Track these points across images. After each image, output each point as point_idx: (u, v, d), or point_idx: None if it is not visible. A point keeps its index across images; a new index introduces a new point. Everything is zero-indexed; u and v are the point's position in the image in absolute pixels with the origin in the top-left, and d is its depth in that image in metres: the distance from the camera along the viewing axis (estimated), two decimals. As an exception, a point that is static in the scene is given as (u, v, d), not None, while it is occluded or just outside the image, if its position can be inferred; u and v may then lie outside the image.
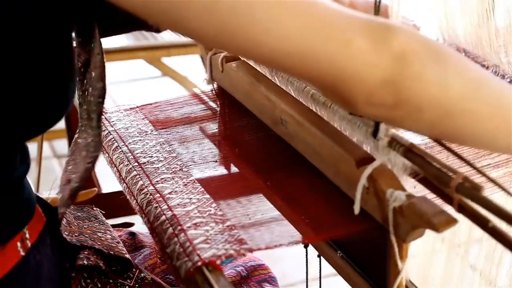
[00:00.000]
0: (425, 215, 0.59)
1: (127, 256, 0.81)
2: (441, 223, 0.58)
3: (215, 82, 0.99)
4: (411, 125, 0.65)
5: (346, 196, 0.69)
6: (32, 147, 1.72)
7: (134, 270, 0.81)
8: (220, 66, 0.94)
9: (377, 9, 0.66)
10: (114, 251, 0.80)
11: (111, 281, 0.78)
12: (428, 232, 0.61)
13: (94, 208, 0.91)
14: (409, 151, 0.65)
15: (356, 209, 0.66)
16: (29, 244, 0.72)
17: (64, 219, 0.81)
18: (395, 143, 0.66)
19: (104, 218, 0.90)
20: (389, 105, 0.61)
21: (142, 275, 0.81)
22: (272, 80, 0.86)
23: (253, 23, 0.58)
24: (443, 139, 0.68)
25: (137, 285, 0.80)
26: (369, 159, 0.67)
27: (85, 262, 0.76)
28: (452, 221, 0.58)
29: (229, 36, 0.59)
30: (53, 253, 0.76)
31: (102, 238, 0.83)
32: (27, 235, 0.72)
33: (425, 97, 0.61)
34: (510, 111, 0.65)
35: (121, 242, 0.84)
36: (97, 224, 0.87)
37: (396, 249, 0.63)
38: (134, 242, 0.95)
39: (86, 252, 0.77)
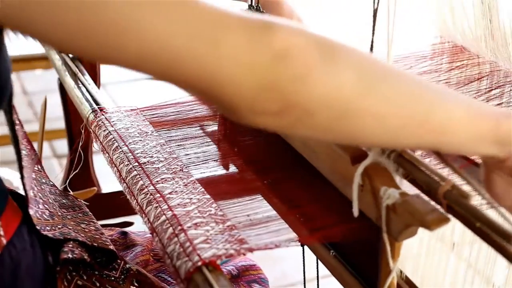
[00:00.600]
0: (417, 213, 0.59)
1: (111, 247, 0.79)
2: (434, 221, 0.58)
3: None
4: (304, 131, 0.59)
5: (342, 194, 0.70)
6: (32, 147, 1.72)
7: (119, 261, 0.80)
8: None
9: (375, 13, 0.64)
10: (97, 243, 0.79)
11: (96, 272, 0.77)
12: (427, 232, 0.60)
13: (79, 199, 0.90)
14: (400, 157, 0.64)
15: (355, 211, 0.65)
16: (4, 241, 0.70)
17: (47, 211, 0.80)
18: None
19: (87, 209, 0.88)
20: (275, 112, 0.55)
21: (127, 266, 0.80)
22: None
23: (111, 23, 0.51)
24: (344, 142, 0.64)
25: (122, 276, 0.78)
26: (365, 156, 0.66)
27: (70, 255, 0.74)
28: (445, 220, 0.58)
29: (84, 40, 0.52)
30: (33, 248, 0.74)
31: (86, 230, 0.81)
32: (2, 232, 0.70)
33: (315, 99, 0.55)
34: (418, 107, 0.59)
35: (105, 234, 0.82)
36: (80, 215, 0.85)
37: (388, 248, 0.63)
38: (125, 241, 0.95)
39: (70, 245, 0.76)
